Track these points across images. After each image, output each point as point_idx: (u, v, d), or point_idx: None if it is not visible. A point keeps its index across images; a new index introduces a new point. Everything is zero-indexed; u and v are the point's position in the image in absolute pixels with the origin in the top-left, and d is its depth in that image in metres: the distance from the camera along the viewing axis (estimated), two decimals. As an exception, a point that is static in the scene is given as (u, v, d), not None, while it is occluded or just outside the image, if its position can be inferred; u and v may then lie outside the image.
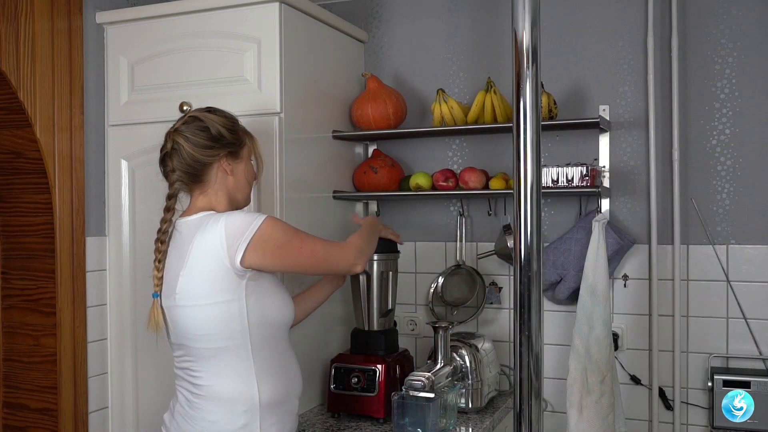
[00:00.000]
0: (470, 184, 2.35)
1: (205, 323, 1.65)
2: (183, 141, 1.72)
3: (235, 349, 1.67)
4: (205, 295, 1.64)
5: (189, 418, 1.71)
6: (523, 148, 1.07)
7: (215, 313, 1.64)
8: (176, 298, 1.67)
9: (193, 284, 1.65)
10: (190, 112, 1.79)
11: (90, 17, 2.32)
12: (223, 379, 1.67)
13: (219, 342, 1.66)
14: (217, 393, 1.67)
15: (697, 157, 2.28)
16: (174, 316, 1.69)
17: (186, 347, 1.70)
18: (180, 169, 1.73)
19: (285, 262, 1.71)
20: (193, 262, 1.65)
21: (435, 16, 2.58)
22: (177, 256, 1.69)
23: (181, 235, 1.71)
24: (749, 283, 2.23)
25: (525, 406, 1.08)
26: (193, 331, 1.67)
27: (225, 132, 1.75)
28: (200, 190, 1.76)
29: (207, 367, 1.68)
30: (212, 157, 1.74)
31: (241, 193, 1.82)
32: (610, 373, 2.15)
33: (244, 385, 1.68)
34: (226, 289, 1.64)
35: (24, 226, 2.24)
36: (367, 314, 2.24)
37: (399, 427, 1.99)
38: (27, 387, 2.26)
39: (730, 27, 2.24)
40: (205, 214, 1.72)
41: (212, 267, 1.63)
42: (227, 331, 1.66)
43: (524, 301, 1.07)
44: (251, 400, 1.68)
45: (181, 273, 1.66)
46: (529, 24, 1.06)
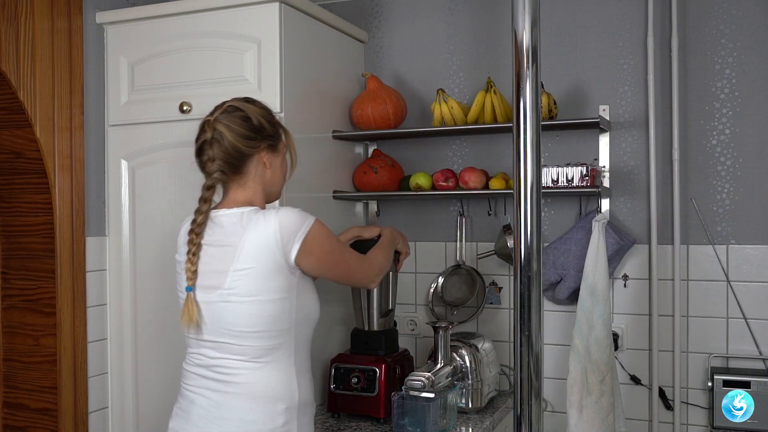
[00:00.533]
0: (470, 184, 2.35)
1: (258, 320, 1.61)
2: (225, 130, 1.66)
3: (281, 347, 1.64)
4: (261, 291, 1.61)
5: (217, 420, 1.63)
6: (523, 148, 1.07)
7: (268, 310, 1.61)
8: (225, 294, 1.62)
9: (247, 280, 1.60)
10: (228, 101, 1.73)
11: (90, 17, 2.32)
12: (266, 377, 1.63)
13: (268, 340, 1.63)
14: (258, 391, 1.62)
15: (697, 157, 2.28)
16: (219, 312, 1.63)
17: (225, 344, 1.64)
18: (221, 159, 1.67)
19: (325, 269, 1.71)
20: (247, 258, 1.60)
21: (435, 16, 2.58)
22: (221, 251, 1.64)
23: (222, 229, 1.66)
24: (749, 283, 2.23)
25: (525, 406, 1.08)
26: (243, 327, 1.62)
27: (266, 123, 1.72)
28: (238, 183, 1.71)
29: (248, 364, 1.63)
30: (253, 149, 1.69)
31: (276, 187, 1.79)
32: (610, 373, 2.15)
33: (286, 384, 1.65)
34: (279, 286, 1.62)
35: (24, 226, 2.24)
36: (367, 314, 2.24)
37: (399, 427, 1.99)
38: (27, 387, 2.26)
39: (730, 27, 2.24)
40: (249, 209, 1.67)
41: (268, 263, 1.60)
42: (277, 329, 1.63)
43: (524, 301, 1.07)
44: (291, 398, 1.65)
45: (232, 268, 1.61)
46: (529, 24, 1.07)
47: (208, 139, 1.67)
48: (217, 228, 1.67)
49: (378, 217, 2.65)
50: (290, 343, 1.67)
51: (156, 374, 2.31)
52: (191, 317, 1.64)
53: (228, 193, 1.73)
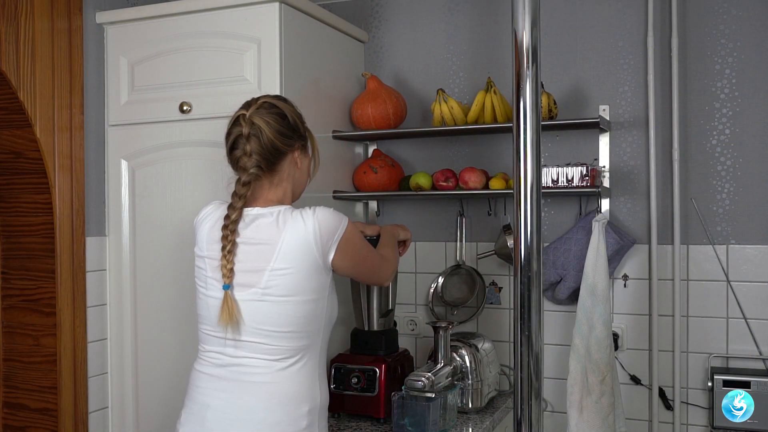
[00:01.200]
0: (470, 184, 2.35)
1: (292, 320, 1.60)
2: (264, 125, 1.63)
3: (309, 348, 1.64)
4: (298, 292, 1.60)
5: (236, 422, 1.59)
6: (523, 148, 1.07)
7: (303, 311, 1.61)
8: (260, 293, 1.60)
9: (285, 280, 1.59)
10: (261, 98, 1.70)
11: (90, 17, 2.32)
12: (292, 378, 1.61)
13: (299, 340, 1.62)
14: (283, 392, 1.60)
15: (697, 157, 2.28)
16: (252, 311, 1.60)
17: (253, 344, 1.61)
18: (258, 153, 1.63)
19: (356, 269, 1.74)
20: (285, 258, 1.59)
21: (435, 16, 2.58)
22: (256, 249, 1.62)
23: (256, 227, 1.63)
24: (749, 283, 2.23)
25: (525, 406, 1.08)
26: (276, 327, 1.60)
27: (299, 123, 1.73)
28: (270, 181, 1.68)
29: (276, 364, 1.60)
30: (288, 147, 1.68)
31: (301, 187, 1.79)
32: (610, 373, 2.15)
33: (310, 385, 1.64)
34: (315, 287, 1.62)
35: (24, 226, 2.24)
36: (367, 314, 2.24)
37: (399, 427, 1.99)
38: (27, 387, 2.26)
39: (730, 27, 2.24)
40: (283, 207, 1.66)
41: (306, 264, 1.60)
42: (308, 329, 1.63)
43: (524, 301, 1.07)
44: (314, 400, 1.64)
45: (269, 267, 1.60)
46: (529, 24, 1.07)
47: (244, 134, 1.64)
48: (251, 226, 1.64)
49: (378, 217, 2.65)
50: (317, 344, 1.67)
51: (156, 374, 2.31)
52: (231, 315, 1.59)
53: (259, 191, 1.69)
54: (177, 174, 2.27)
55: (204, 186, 2.23)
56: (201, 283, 1.69)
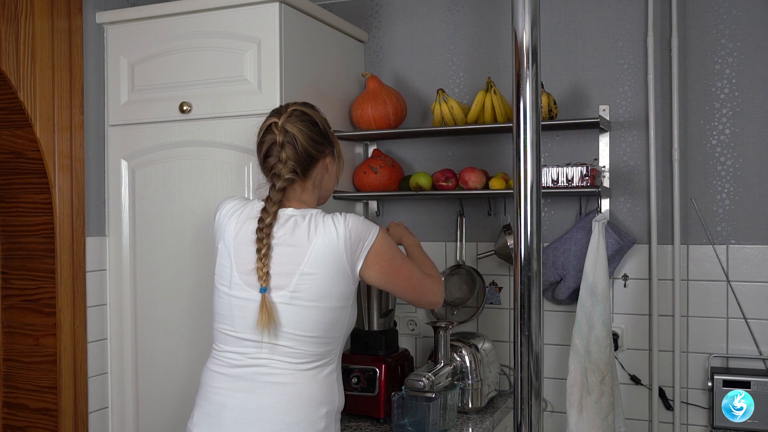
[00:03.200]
0: (470, 184, 2.35)
1: (317, 325, 1.61)
2: (298, 133, 1.66)
3: (330, 353, 1.66)
4: (324, 298, 1.61)
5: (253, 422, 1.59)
6: (523, 148, 1.07)
7: (328, 317, 1.62)
8: (289, 296, 1.60)
9: (313, 284, 1.60)
10: (290, 106, 1.72)
11: (90, 17, 2.32)
12: (312, 380, 1.62)
13: (322, 346, 1.63)
14: (303, 393, 1.60)
15: (697, 157, 2.29)
16: (278, 313, 1.60)
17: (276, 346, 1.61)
18: (294, 160, 1.66)
19: (387, 279, 1.70)
20: (316, 262, 1.60)
21: (435, 16, 2.58)
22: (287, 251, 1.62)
23: (287, 228, 1.64)
24: (749, 283, 2.23)
25: (525, 406, 1.08)
26: (302, 331, 1.60)
27: (328, 130, 1.75)
28: (302, 186, 1.71)
29: (298, 366, 1.61)
30: (320, 153, 1.71)
31: (329, 192, 1.82)
32: (610, 373, 2.15)
33: (329, 387, 1.65)
34: (342, 294, 1.63)
35: (24, 226, 2.24)
36: (367, 314, 2.24)
37: (399, 427, 1.99)
38: (27, 387, 2.26)
39: (730, 27, 2.24)
40: (315, 211, 1.67)
41: (335, 270, 1.61)
42: (332, 335, 1.64)
43: (524, 301, 1.07)
44: (332, 402, 1.66)
45: (299, 270, 1.60)
46: (529, 24, 1.07)
47: (278, 142, 1.66)
48: (284, 227, 1.65)
49: (378, 217, 2.65)
50: (338, 349, 1.69)
51: (156, 374, 2.31)
52: (270, 318, 1.59)
53: (291, 193, 1.71)
54: (177, 174, 2.27)
55: (204, 186, 2.23)
56: (224, 282, 1.67)
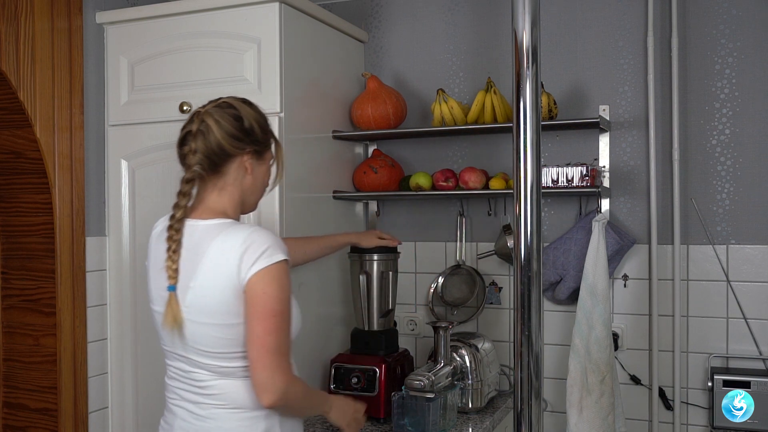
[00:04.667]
0: (470, 184, 2.35)
1: (215, 341, 1.52)
2: (213, 124, 1.55)
3: (245, 364, 1.53)
4: (217, 314, 1.50)
5: (198, 431, 1.58)
6: (523, 148, 1.07)
7: (227, 334, 1.51)
8: (186, 311, 1.52)
9: (203, 300, 1.51)
10: (225, 97, 1.63)
11: (90, 17, 2.32)
12: (240, 388, 1.55)
13: (231, 361, 1.54)
14: (235, 400, 1.56)
15: (697, 157, 2.28)
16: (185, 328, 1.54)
17: (192, 360, 1.56)
18: (202, 153, 1.56)
19: (254, 310, 1.49)
20: (205, 276, 1.50)
21: (435, 16, 2.58)
22: (185, 265, 1.53)
23: (191, 240, 1.55)
24: (749, 283, 2.23)
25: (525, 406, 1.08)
26: (203, 347, 1.53)
27: (257, 128, 1.62)
28: (214, 184, 1.59)
29: (220, 378, 1.56)
30: (237, 150, 1.57)
31: (254, 196, 1.67)
32: (610, 373, 2.15)
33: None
34: (236, 311, 1.50)
35: (24, 226, 2.24)
36: (367, 314, 2.24)
37: (399, 427, 1.99)
38: (27, 387, 2.26)
39: (730, 27, 2.24)
40: (222, 221, 1.56)
41: (225, 284, 1.49)
42: (239, 351, 1.52)
43: (524, 301, 1.08)
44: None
45: (191, 284, 1.51)
46: (529, 24, 1.07)
47: (192, 131, 1.57)
48: (186, 239, 1.57)
49: (378, 217, 2.65)
50: None
51: (156, 374, 2.31)
52: (176, 319, 1.51)
53: (203, 196, 1.61)
54: (177, 174, 2.25)
55: (204, 186, 2.22)
56: (150, 299, 1.64)
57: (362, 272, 2.23)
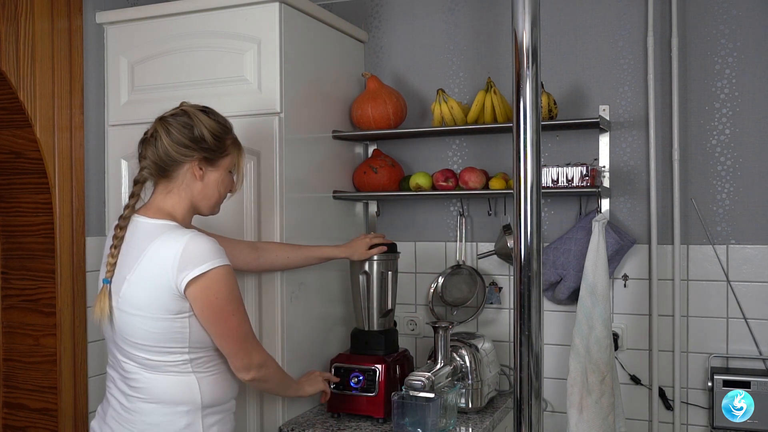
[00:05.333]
0: (470, 184, 2.35)
1: (144, 334, 1.62)
2: (163, 131, 1.67)
3: (174, 359, 1.64)
4: (147, 308, 1.60)
5: (125, 422, 1.66)
6: (523, 148, 1.07)
7: (155, 327, 1.61)
8: (119, 301, 1.63)
9: (136, 293, 1.61)
10: (185, 105, 1.75)
11: (90, 17, 2.32)
12: (163, 383, 1.64)
13: (158, 354, 1.63)
14: (157, 395, 1.64)
15: (697, 157, 2.28)
16: (114, 317, 1.65)
17: (123, 350, 1.66)
18: (150, 159, 1.69)
19: (208, 316, 1.62)
20: (142, 271, 1.60)
21: (435, 16, 2.58)
22: (127, 257, 1.65)
23: (135, 235, 1.66)
24: (749, 283, 2.23)
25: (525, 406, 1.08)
26: (132, 338, 1.63)
27: (208, 136, 1.69)
28: (165, 186, 1.71)
29: (145, 371, 1.64)
30: (185, 157, 1.68)
31: (207, 201, 1.74)
32: (610, 373, 2.15)
33: (185, 387, 1.65)
34: (167, 308, 1.60)
35: (24, 226, 2.24)
36: (367, 314, 2.24)
37: (399, 427, 1.99)
38: (27, 387, 2.26)
39: (730, 27, 2.24)
40: (167, 223, 1.66)
41: (159, 283, 1.59)
42: (166, 345, 1.63)
43: (524, 301, 1.07)
44: (193, 401, 1.65)
45: (127, 277, 1.62)
46: (529, 24, 1.07)
47: (147, 137, 1.71)
48: (132, 233, 1.67)
49: (378, 218, 2.65)
50: (184, 355, 1.65)
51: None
52: (102, 310, 1.64)
53: (154, 196, 1.72)
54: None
55: (204, 186, 2.22)
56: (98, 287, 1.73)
57: (362, 272, 2.23)
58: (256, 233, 2.12)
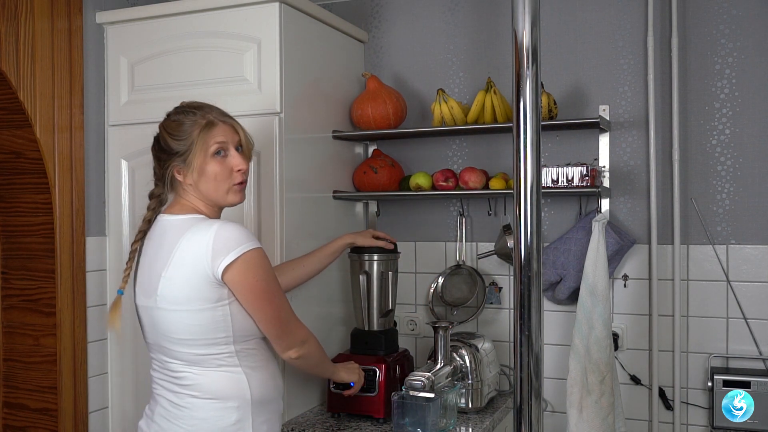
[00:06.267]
0: (470, 184, 2.35)
1: (187, 328, 1.62)
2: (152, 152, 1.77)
3: (220, 351, 1.64)
4: (187, 301, 1.60)
5: (173, 418, 1.66)
6: (523, 148, 1.07)
7: (197, 320, 1.61)
8: (157, 300, 1.63)
9: (174, 288, 1.61)
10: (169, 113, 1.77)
11: (90, 17, 2.32)
12: (212, 377, 1.64)
13: (204, 348, 1.63)
14: (207, 390, 1.64)
15: (697, 157, 2.28)
16: (154, 318, 1.66)
17: (166, 349, 1.67)
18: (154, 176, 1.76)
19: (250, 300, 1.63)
20: (177, 266, 1.61)
21: (435, 16, 2.58)
22: (159, 255, 1.65)
23: (165, 234, 1.67)
24: (749, 283, 2.23)
25: (525, 406, 1.08)
26: (175, 334, 1.63)
27: (169, 138, 1.68)
28: (178, 193, 1.74)
29: (193, 368, 1.65)
30: (165, 169, 1.71)
31: (215, 192, 1.70)
32: (610, 373, 2.15)
33: (234, 382, 1.65)
34: (207, 297, 1.60)
35: (24, 226, 2.24)
36: (367, 314, 2.24)
37: (399, 427, 1.99)
38: (27, 387, 2.26)
39: (730, 27, 2.24)
40: (194, 216, 1.68)
41: (196, 273, 1.59)
42: (211, 337, 1.63)
43: (524, 301, 1.07)
44: (243, 396, 1.66)
45: (162, 274, 1.62)
46: (529, 24, 1.06)
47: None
48: (161, 232, 1.69)
49: (378, 217, 2.65)
50: (230, 348, 1.65)
51: (156, 374, 2.31)
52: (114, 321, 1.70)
53: (175, 197, 1.75)
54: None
55: (204, 186, 2.22)
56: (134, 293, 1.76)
57: (362, 272, 2.23)
58: (256, 233, 2.12)
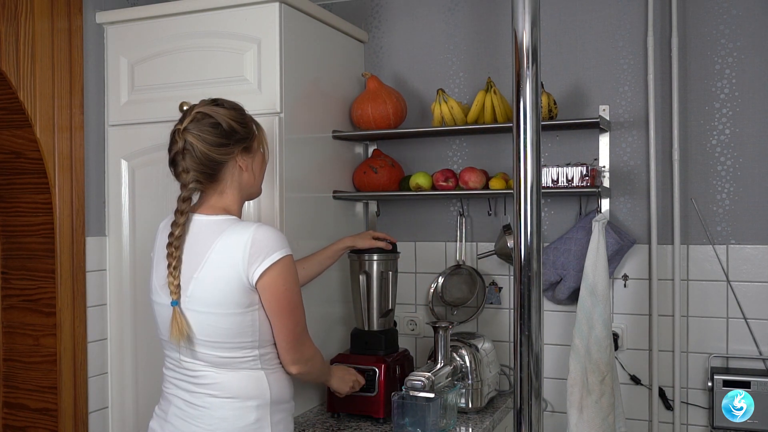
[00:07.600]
0: (470, 184, 2.35)
1: (216, 331, 1.60)
2: (195, 140, 1.63)
3: (244, 354, 1.63)
4: (218, 304, 1.59)
5: (190, 418, 1.65)
6: (523, 148, 1.07)
7: (227, 323, 1.59)
8: (187, 301, 1.61)
9: (206, 290, 1.59)
10: (196, 107, 1.68)
11: (90, 17, 2.32)
12: (234, 378, 1.63)
13: (229, 351, 1.62)
14: (228, 390, 1.63)
15: (697, 157, 2.28)
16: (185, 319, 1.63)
17: (188, 350, 1.64)
18: (195, 170, 1.64)
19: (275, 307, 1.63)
20: (210, 268, 1.59)
21: (435, 16, 2.58)
22: (191, 256, 1.62)
23: (196, 236, 1.64)
24: (749, 283, 2.23)
25: (525, 406, 1.08)
26: (202, 336, 1.61)
27: (236, 126, 1.67)
28: (215, 189, 1.68)
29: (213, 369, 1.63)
30: (227, 155, 1.66)
31: (255, 187, 1.76)
32: (610, 373, 2.15)
33: (255, 381, 1.65)
34: (238, 302, 1.59)
35: (24, 226, 2.24)
36: (367, 314, 2.24)
37: (399, 427, 1.99)
38: (27, 387, 2.26)
39: (730, 27, 2.24)
40: (227, 217, 1.66)
41: (229, 277, 1.58)
42: (237, 340, 1.61)
43: (524, 301, 1.07)
44: (263, 395, 1.65)
45: (194, 276, 1.60)
46: (529, 24, 1.07)
47: (179, 150, 1.65)
48: (196, 231, 1.65)
49: (378, 218, 2.65)
50: (254, 350, 1.65)
51: (156, 374, 2.30)
52: (181, 332, 1.61)
53: (205, 198, 1.70)
54: (177, 174, 2.26)
55: (204, 186, 2.22)
56: (150, 290, 1.71)
57: (362, 272, 2.23)
58: (256, 233, 2.11)
